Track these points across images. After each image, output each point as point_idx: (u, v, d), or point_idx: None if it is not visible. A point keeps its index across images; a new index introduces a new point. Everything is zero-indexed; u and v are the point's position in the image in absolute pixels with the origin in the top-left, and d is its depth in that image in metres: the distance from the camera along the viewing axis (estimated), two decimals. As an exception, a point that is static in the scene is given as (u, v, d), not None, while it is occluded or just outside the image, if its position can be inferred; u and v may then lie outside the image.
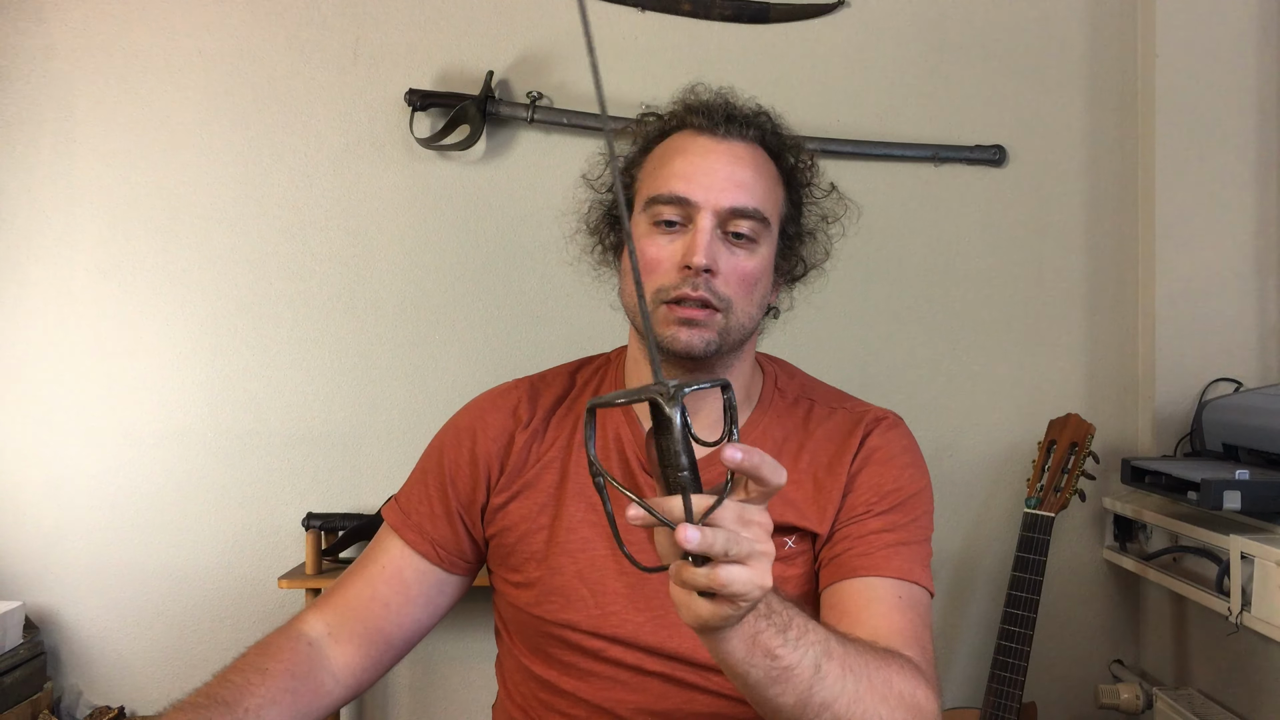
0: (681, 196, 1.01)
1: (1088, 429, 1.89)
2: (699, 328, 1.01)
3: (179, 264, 2.10)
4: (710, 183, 1.01)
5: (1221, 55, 2.02)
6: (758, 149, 1.07)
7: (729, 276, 1.01)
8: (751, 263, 1.03)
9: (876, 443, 1.10)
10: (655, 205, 1.03)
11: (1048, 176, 2.13)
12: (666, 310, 1.01)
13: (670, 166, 1.04)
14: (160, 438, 2.10)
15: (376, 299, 2.10)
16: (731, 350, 1.05)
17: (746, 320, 1.04)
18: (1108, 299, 2.13)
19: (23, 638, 1.98)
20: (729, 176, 1.02)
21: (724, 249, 1.02)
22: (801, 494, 1.08)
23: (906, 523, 1.07)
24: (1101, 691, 1.96)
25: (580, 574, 1.06)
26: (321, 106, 2.10)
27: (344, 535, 1.98)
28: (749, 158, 1.05)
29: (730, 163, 1.03)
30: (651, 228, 1.04)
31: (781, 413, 1.13)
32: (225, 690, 0.96)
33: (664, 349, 1.03)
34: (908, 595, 1.02)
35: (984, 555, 2.13)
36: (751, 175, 1.04)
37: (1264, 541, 1.54)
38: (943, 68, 2.13)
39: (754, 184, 1.03)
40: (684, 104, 1.10)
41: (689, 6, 2.11)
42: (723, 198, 1.01)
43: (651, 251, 1.03)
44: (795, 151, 1.11)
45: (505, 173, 2.09)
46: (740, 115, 1.07)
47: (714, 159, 1.03)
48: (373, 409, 2.11)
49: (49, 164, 2.09)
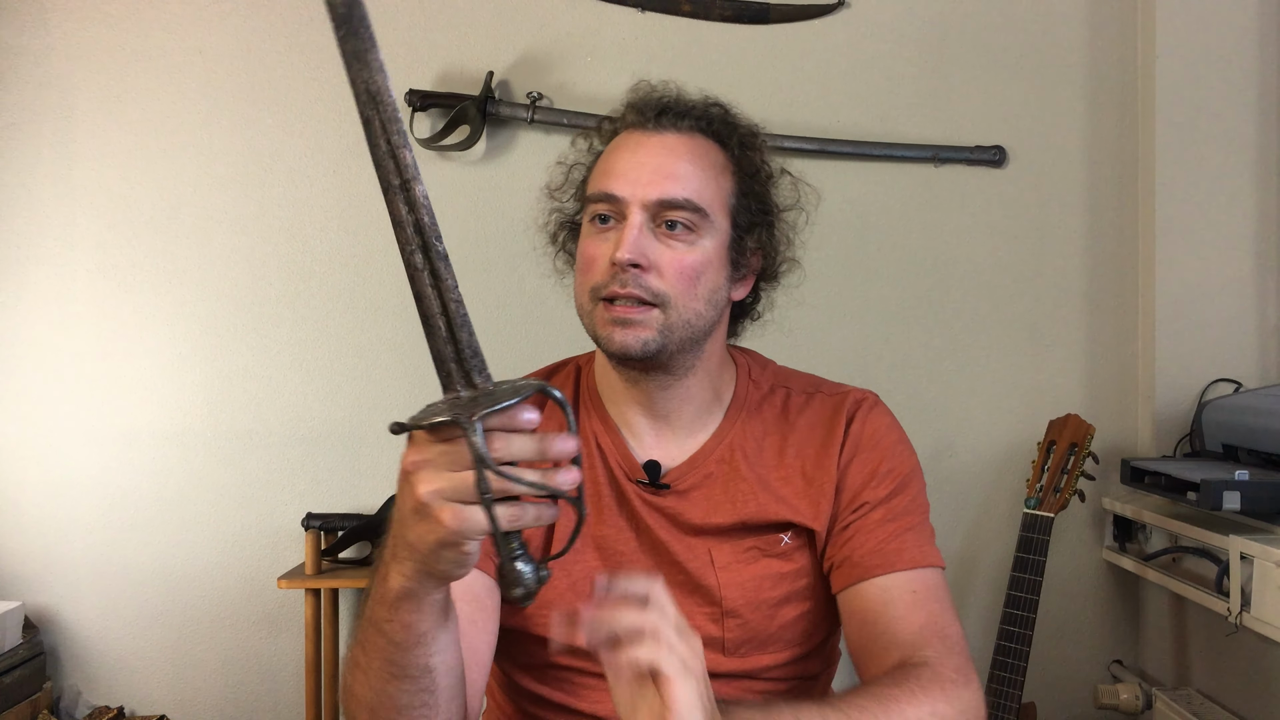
0: (609, 193, 0.99)
1: (1087, 429, 1.89)
2: (634, 326, 0.98)
3: (179, 264, 2.10)
4: (638, 176, 0.99)
5: (1221, 55, 2.01)
6: (698, 138, 1.04)
7: (665, 270, 0.98)
8: (691, 255, 0.99)
9: (861, 427, 1.08)
10: (590, 205, 1.02)
11: (1048, 176, 2.13)
12: (603, 309, 0.99)
13: (604, 165, 1.03)
14: (160, 438, 2.10)
15: (376, 299, 2.10)
16: (684, 349, 1.02)
17: (692, 316, 1.00)
18: (1108, 299, 2.13)
19: (22, 638, 1.98)
20: (657, 168, 0.99)
21: (657, 243, 0.99)
22: (791, 489, 1.07)
23: (907, 504, 1.06)
24: (1101, 691, 1.96)
25: (573, 585, 1.05)
26: (321, 106, 2.10)
27: (344, 535, 1.98)
28: (684, 148, 1.02)
29: (661, 154, 1.00)
30: (589, 226, 1.03)
31: (758, 405, 1.11)
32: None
33: (602, 348, 1.01)
34: (922, 586, 1.02)
35: (983, 555, 2.13)
36: (686, 165, 1.00)
37: (1263, 542, 1.54)
38: (943, 68, 2.13)
39: (687, 174, 1.00)
40: (626, 102, 1.08)
41: (689, 7, 2.11)
42: (650, 190, 0.98)
43: (588, 250, 1.01)
44: (747, 139, 1.07)
45: (505, 173, 2.09)
46: (676, 106, 1.04)
47: (644, 152, 1.01)
48: (373, 409, 2.11)
49: (49, 164, 2.09)
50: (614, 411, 1.09)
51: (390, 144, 0.66)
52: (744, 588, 1.04)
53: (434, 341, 0.68)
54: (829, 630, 1.11)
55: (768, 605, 1.05)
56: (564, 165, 1.13)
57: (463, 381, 0.67)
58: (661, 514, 1.06)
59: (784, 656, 1.07)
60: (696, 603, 1.05)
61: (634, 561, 1.06)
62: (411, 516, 0.71)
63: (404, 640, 0.79)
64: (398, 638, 0.79)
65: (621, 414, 1.08)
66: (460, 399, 0.67)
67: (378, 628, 0.80)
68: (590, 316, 1.02)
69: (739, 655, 1.05)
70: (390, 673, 0.81)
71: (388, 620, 0.78)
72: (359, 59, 0.63)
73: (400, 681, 0.82)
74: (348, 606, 2.11)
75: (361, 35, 0.62)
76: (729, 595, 1.04)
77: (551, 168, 1.16)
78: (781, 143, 2.06)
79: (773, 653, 1.06)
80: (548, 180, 1.14)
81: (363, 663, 0.84)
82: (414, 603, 0.77)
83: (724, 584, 1.04)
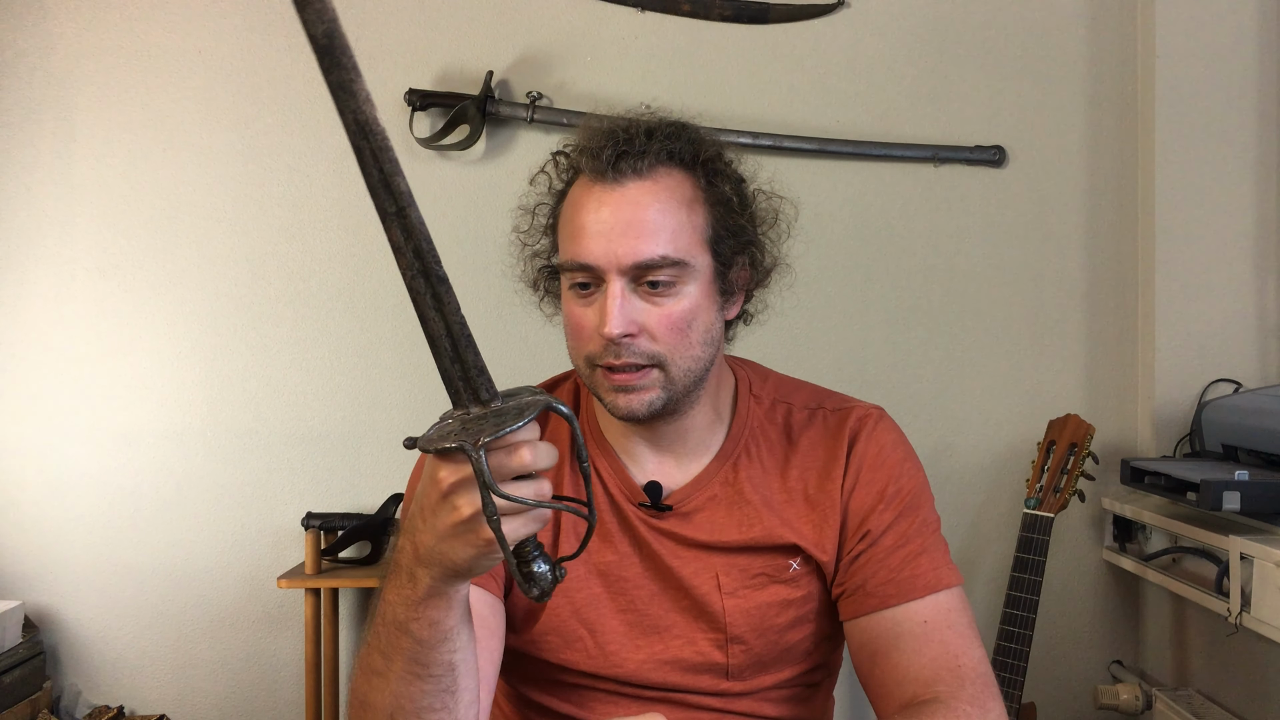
0: (583, 264, 0.96)
1: (1087, 429, 1.89)
2: (636, 392, 0.97)
3: (178, 264, 2.10)
4: (610, 242, 0.94)
5: (1221, 55, 2.01)
6: (661, 177, 0.97)
7: (656, 330, 0.96)
8: (679, 306, 0.96)
9: (865, 447, 1.05)
10: (566, 273, 1.00)
11: (1048, 176, 2.13)
12: (602, 375, 0.98)
13: (571, 226, 0.99)
14: (160, 438, 2.10)
15: (376, 299, 2.10)
16: (688, 393, 1.01)
17: (691, 363, 0.98)
18: (1108, 299, 2.13)
19: (22, 637, 1.98)
20: (627, 228, 0.94)
21: (643, 303, 0.96)
22: (795, 512, 1.05)
23: (918, 525, 1.04)
24: (1101, 692, 1.95)
25: (577, 613, 1.04)
26: (321, 106, 2.10)
27: (343, 535, 1.98)
28: (649, 198, 0.96)
29: (629, 211, 0.95)
30: (570, 292, 1.00)
31: (760, 423, 1.09)
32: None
33: (610, 413, 1.00)
34: (934, 614, 1.00)
35: (983, 555, 2.13)
36: (655, 216, 0.95)
37: (1263, 542, 1.54)
38: (943, 68, 2.13)
39: (658, 226, 0.95)
40: (579, 143, 1.02)
41: (689, 7, 2.11)
42: (624, 256, 0.94)
43: (574, 317, 0.99)
44: (711, 160, 1.02)
45: (505, 173, 2.09)
46: (634, 148, 0.97)
47: (608, 211, 0.95)
48: (372, 409, 2.11)
49: (49, 164, 2.09)
50: (612, 435, 1.07)
51: (383, 172, 0.65)
52: (750, 614, 1.03)
53: (441, 361, 0.69)
54: (834, 647, 1.10)
55: (774, 631, 1.04)
56: (527, 210, 1.10)
57: (470, 398, 0.70)
58: (666, 536, 1.04)
59: (787, 675, 1.06)
60: (701, 628, 1.04)
61: (639, 587, 1.04)
62: (452, 530, 0.73)
63: (430, 637, 0.80)
64: (423, 635, 0.80)
65: (619, 438, 1.07)
66: (470, 416, 0.70)
67: (402, 629, 0.80)
68: (590, 381, 1.00)
69: (742, 679, 1.04)
70: (414, 673, 0.82)
71: (414, 619, 0.79)
72: (344, 89, 0.62)
73: (424, 682, 0.82)
74: (348, 606, 2.11)
75: (345, 66, 0.61)
76: (734, 621, 1.03)
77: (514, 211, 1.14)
78: (781, 143, 2.06)
79: (775, 673, 1.05)
80: (514, 224, 1.11)
81: (381, 668, 0.84)
82: (442, 599, 0.78)
83: (729, 610, 1.03)
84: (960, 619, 1.01)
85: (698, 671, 1.04)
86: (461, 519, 0.72)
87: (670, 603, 1.04)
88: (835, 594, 1.05)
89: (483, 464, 0.66)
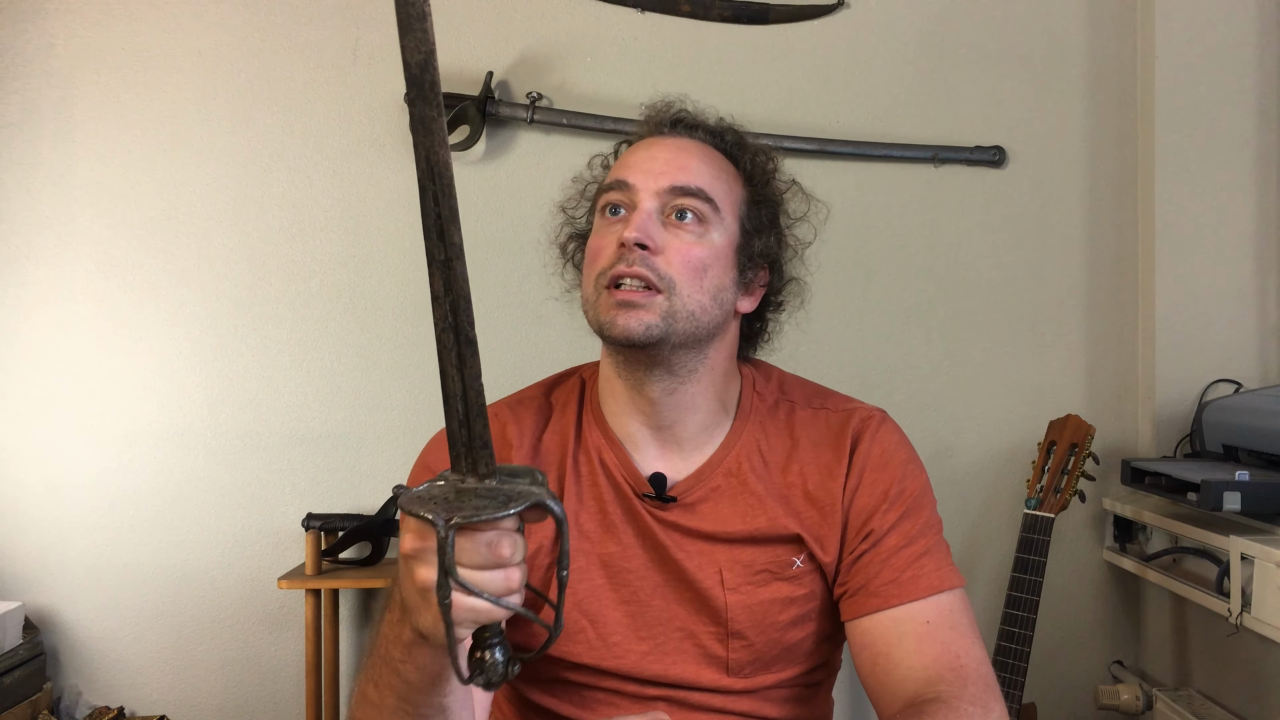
0: (622, 180, 1.01)
1: (1087, 430, 1.89)
2: (637, 310, 0.97)
3: (179, 264, 2.10)
4: (651, 167, 1.01)
5: (1221, 55, 2.01)
6: (707, 146, 1.06)
7: (672, 256, 0.98)
8: (699, 247, 1.00)
9: (869, 448, 1.06)
10: (602, 195, 1.04)
11: (1048, 176, 2.13)
12: (607, 295, 0.98)
13: (618, 164, 1.06)
14: (160, 438, 2.10)
15: (376, 299, 2.10)
16: (686, 344, 1.00)
17: (696, 308, 0.98)
18: (1108, 299, 2.13)
19: (22, 638, 1.98)
20: (670, 160, 1.02)
21: (667, 231, 0.99)
22: (796, 504, 1.05)
23: (921, 527, 1.04)
24: (1101, 692, 1.95)
25: (579, 604, 1.04)
26: (321, 107, 2.10)
27: (344, 536, 1.98)
28: (695, 148, 1.05)
29: (674, 150, 1.03)
30: (599, 219, 1.04)
31: (763, 419, 1.09)
32: None
33: (604, 336, 1.00)
34: (936, 614, 1.00)
35: (984, 556, 2.13)
36: (697, 162, 1.03)
37: (1264, 542, 1.54)
38: (943, 68, 2.13)
39: (699, 169, 1.02)
40: (641, 120, 1.11)
41: (689, 7, 2.11)
42: (662, 179, 1.00)
43: (596, 242, 1.02)
44: (759, 160, 1.09)
45: (505, 173, 2.09)
46: (688, 119, 1.08)
47: (657, 148, 1.04)
48: (373, 409, 2.11)
49: (49, 164, 2.09)
50: (616, 425, 1.07)
51: (441, 218, 0.64)
52: (752, 611, 1.03)
53: (450, 421, 0.69)
54: (835, 647, 1.10)
55: (775, 629, 1.04)
56: (579, 182, 1.13)
57: (468, 467, 0.69)
58: (670, 528, 1.04)
59: (788, 674, 1.06)
60: (703, 621, 1.04)
61: (643, 578, 1.04)
62: (414, 594, 0.73)
63: (419, 681, 0.79)
64: (413, 678, 0.79)
65: (624, 427, 1.07)
66: (463, 486, 0.68)
67: (393, 668, 0.80)
68: (594, 306, 1.00)
69: (743, 676, 1.04)
70: (405, 711, 0.81)
71: (403, 661, 0.79)
72: (425, 125, 0.62)
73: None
74: (348, 607, 2.11)
75: (431, 101, 0.62)
76: (736, 617, 1.03)
77: (554, 173, 1.17)
78: (781, 143, 2.06)
79: (777, 672, 1.05)
80: (562, 199, 1.14)
81: (374, 699, 0.83)
82: (426, 648, 0.77)
83: (731, 605, 1.03)
84: (962, 620, 1.01)
85: (699, 665, 1.04)
86: (419, 586, 0.71)
87: (673, 595, 1.04)
88: (837, 594, 1.05)
89: (447, 545, 0.64)
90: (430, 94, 0.62)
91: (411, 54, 0.62)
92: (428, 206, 0.64)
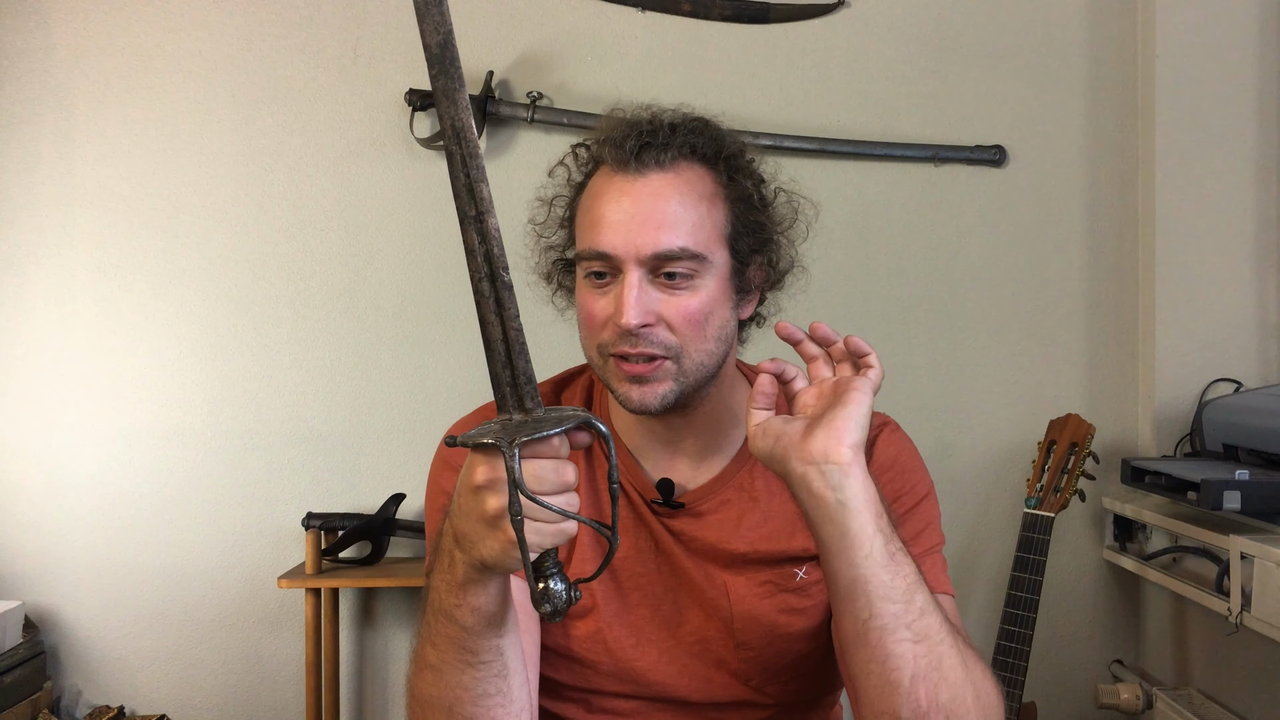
0: (601, 251, 0.95)
1: (1088, 429, 1.89)
2: (649, 383, 0.96)
3: (179, 264, 2.10)
4: (629, 232, 0.94)
5: (1221, 55, 2.01)
6: (683, 170, 0.98)
7: (673, 321, 0.95)
8: (695, 300, 0.96)
9: (878, 452, 1.06)
10: (583, 262, 0.99)
11: (1048, 176, 2.13)
12: (615, 365, 0.97)
13: (590, 216, 0.98)
14: (160, 438, 2.10)
15: (376, 299, 2.10)
16: (699, 389, 1.00)
17: (705, 358, 0.97)
18: (1108, 299, 2.13)
19: (22, 637, 1.98)
20: (647, 218, 0.94)
21: (660, 295, 0.95)
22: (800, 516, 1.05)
23: (925, 530, 1.04)
24: (1101, 691, 1.95)
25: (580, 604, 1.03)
26: (321, 106, 2.10)
27: (344, 535, 1.98)
28: (671, 189, 0.96)
29: (650, 202, 0.95)
30: (585, 281, 0.99)
31: None
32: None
33: (620, 404, 0.99)
34: None
35: (984, 555, 2.13)
36: (676, 209, 0.95)
37: (1264, 541, 1.54)
38: (943, 68, 2.13)
39: (680, 218, 0.95)
40: (601, 134, 1.02)
41: (689, 7, 2.11)
42: (644, 246, 0.93)
43: (588, 307, 0.99)
44: (734, 158, 1.02)
45: (505, 173, 2.09)
46: (657, 140, 0.97)
47: (629, 201, 0.95)
48: (373, 409, 2.11)
49: (49, 164, 2.09)
50: (624, 433, 1.07)
51: (469, 178, 0.71)
52: (759, 621, 1.03)
53: (493, 364, 0.73)
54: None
55: (782, 640, 1.04)
56: (544, 202, 1.09)
57: (515, 405, 0.73)
58: (677, 535, 1.05)
59: (797, 686, 1.06)
60: (713, 626, 1.04)
61: (651, 582, 1.05)
62: (481, 525, 0.75)
63: (474, 624, 0.81)
64: (468, 622, 0.81)
65: (632, 439, 1.07)
66: (511, 422, 0.73)
67: (448, 616, 0.81)
68: (603, 371, 0.99)
69: (752, 685, 1.04)
70: (466, 661, 0.83)
71: (457, 606, 0.80)
72: (449, 96, 0.69)
73: (475, 669, 0.83)
74: (348, 606, 2.11)
75: (453, 75, 0.70)
76: (742, 627, 1.03)
77: (532, 204, 1.13)
78: (782, 143, 2.06)
79: (783, 682, 1.05)
80: (530, 216, 1.10)
81: (434, 660, 0.84)
82: (480, 586, 0.79)
83: (738, 615, 1.03)
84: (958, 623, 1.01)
85: (709, 668, 1.04)
86: (489, 514, 0.73)
87: (685, 597, 1.05)
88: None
89: (514, 463, 0.68)
90: (451, 68, 0.70)
91: (431, 36, 0.70)
92: (456, 169, 0.71)
